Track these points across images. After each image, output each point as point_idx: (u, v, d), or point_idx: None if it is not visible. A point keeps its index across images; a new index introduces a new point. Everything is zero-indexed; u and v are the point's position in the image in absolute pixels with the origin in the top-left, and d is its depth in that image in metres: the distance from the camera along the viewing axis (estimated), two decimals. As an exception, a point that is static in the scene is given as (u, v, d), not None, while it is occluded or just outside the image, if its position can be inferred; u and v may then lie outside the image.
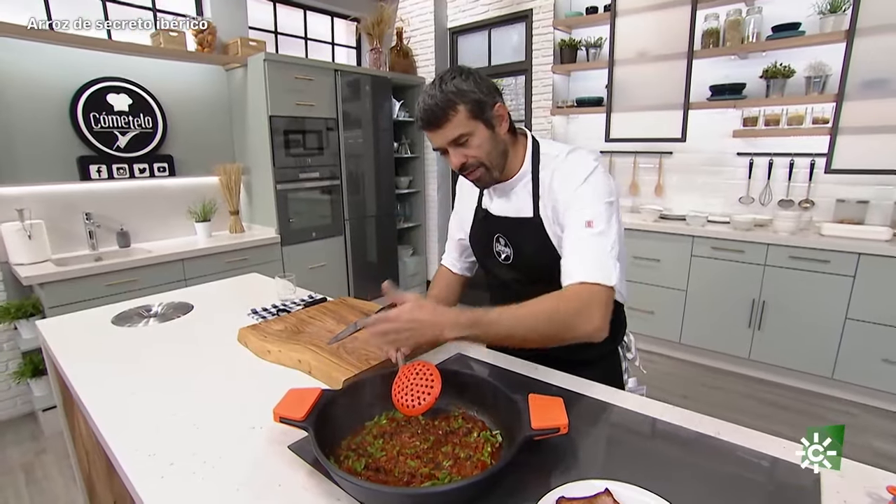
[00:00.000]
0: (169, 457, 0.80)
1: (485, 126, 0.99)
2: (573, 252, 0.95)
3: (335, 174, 3.56)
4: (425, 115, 0.97)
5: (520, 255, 1.11)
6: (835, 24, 2.55)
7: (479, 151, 1.00)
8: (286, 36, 3.89)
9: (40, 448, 2.30)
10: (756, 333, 2.78)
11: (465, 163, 1.01)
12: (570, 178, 1.00)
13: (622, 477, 0.68)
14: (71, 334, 1.37)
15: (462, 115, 0.96)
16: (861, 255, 2.40)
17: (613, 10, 3.14)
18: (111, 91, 2.79)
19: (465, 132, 0.97)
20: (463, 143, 0.98)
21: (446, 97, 0.94)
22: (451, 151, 1.00)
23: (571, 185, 0.99)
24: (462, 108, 0.95)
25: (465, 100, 0.95)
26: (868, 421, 2.42)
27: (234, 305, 1.58)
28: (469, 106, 0.96)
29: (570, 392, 0.99)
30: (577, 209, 0.97)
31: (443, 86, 0.95)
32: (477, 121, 0.97)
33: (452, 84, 0.95)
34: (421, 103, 0.97)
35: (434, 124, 0.97)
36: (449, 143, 0.98)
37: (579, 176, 0.99)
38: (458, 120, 0.96)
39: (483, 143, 0.99)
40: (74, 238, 2.74)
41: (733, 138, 3.04)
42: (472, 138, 0.98)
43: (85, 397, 1.00)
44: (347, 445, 0.79)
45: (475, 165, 1.01)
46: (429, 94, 0.96)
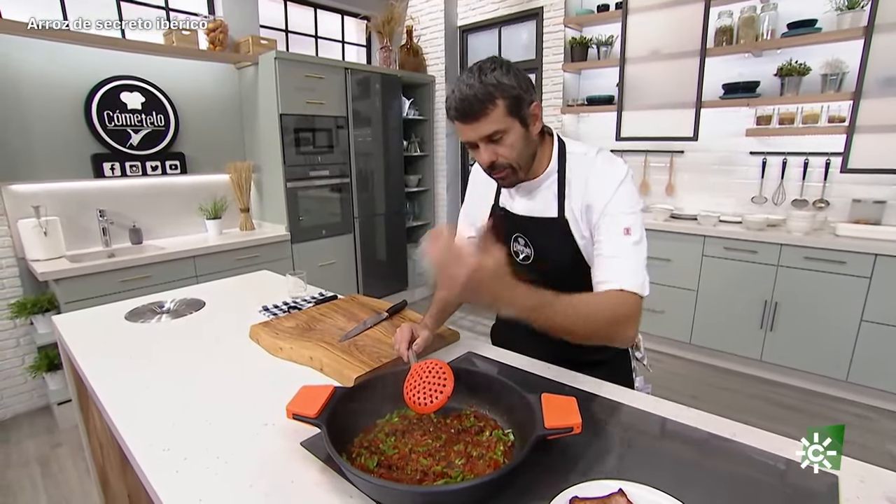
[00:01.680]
0: (183, 451, 0.80)
1: (520, 124, 0.94)
2: (613, 257, 0.93)
3: (345, 172, 3.57)
4: (461, 106, 0.90)
5: (541, 255, 1.08)
6: (852, 21, 2.50)
7: (511, 152, 0.94)
8: (297, 34, 3.91)
9: (55, 441, 2.34)
10: (768, 334, 2.74)
11: (495, 162, 0.95)
12: (605, 181, 0.97)
13: (635, 477, 0.68)
14: (86, 329, 1.39)
15: (500, 111, 0.90)
16: (878, 255, 2.36)
17: (625, 7, 3.11)
18: (125, 89, 2.82)
19: (500, 129, 0.92)
20: (496, 139, 0.93)
21: (486, 89, 0.88)
22: (482, 147, 0.94)
23: (607, 189, 0.96)
24: (501, 102, 0.90)
25: (504, 94, 0.89)
26: (884, 425, 2.38)
27: (245, 302, 1.59)
28: (508, 102, 0.90)
29: (583, 392, 0.98)
30: (613, 215, 0.95)
31: (483, 76, 0.89)
32: (513, 118, 0.92)
33: (493, 76, 0.89)
34: (456, 92, 0.91)
35: (470, 116, 0.91)
36: (482, 138, 0.93)
37: (613, 179, 0.97)
38: (496, 115, 0.90)
39: (516, 142, 0.94)
40: (88, 235, 2.77)
41: (746, 137, 3.00)
42: (506, 136, 0.93)
43: (100, 391, 1.02)
44: (360, 443, 0.79)
45: (504, 166, 0.96)
46: (466, 84, 0.89)
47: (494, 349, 1.20)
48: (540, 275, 1.07)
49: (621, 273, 0.91)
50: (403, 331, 1.05)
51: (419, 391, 0.82)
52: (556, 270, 1.06)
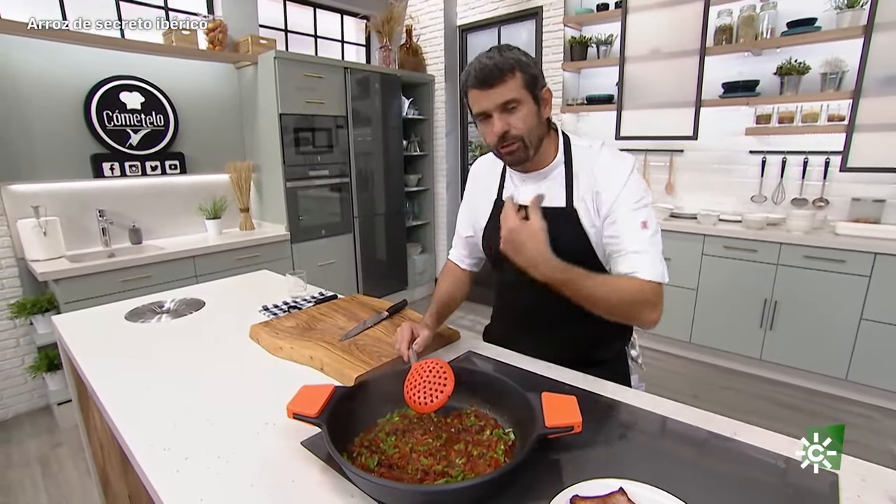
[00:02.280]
0: (183, 451, 0.80)
1: (533, 101, 0.98)
2: (634, 253, 0.97)
3: (345, 172, 3.57)
4: (481, 74, 0.95)
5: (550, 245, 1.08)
6: (852, 19, 2.50)
7: (524, 125, 0.98)
8: (296, 34, 3.91)
9: (56, 441, 2.34)
10: (768, 333, 2.74)
11: (508, 132, 0.98)
12: (613, 171, 1.01)
13: (636, 476, 0.68)
14: (86, 329, 1.39)
15: (518, 82, 0.95)
16: (877, 254, 2.36)
17: (624, 6, 3.11)
18: (124, 89, 2.82)
19: (516, 97, 0.96)
20: (510, 109, 0.97)
21: (507, 60, 0.94)
22: (495, 117, 0.97)
23: (616, 180, 1.00)
24: (519, 75, 0.95)
25: (522, 69, 0.95)
26: (885, 424, 2.38)
27: (245, 302, 1.59)
28: (525, 76, 0.96)
29: (583, 391, 0.98)
30: (628, 209, 0.99)
31: (502, 52, 0.95)
32: (528, 92, 0.97)
33: (512, 53, 0.96)
34: (476, 64, 0.96)
35: (488, 83, 0.95)
36: (498, 105, 0.96)
37: (622, 171, 1.00)
38: (514, 84, 0.95)
39: (528, 116, 0.98)
40: (88, 235, 2.77)
41: (746, 136, 3.00)
42: (520, 107, 0.97)
43: (100, 391, 1.02)
44: (360, 442, 0.79)
45: (515, 139, 0.99)
46: (487, 56, 0.96)
47: (495, 348, 1.20)
48: None
49: (642, 266, 0.96)
50: (403, 330, 1.05)
51: (419, 390, 0.82)
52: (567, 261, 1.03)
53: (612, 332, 1.15)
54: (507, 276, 1.15)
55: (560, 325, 1.13)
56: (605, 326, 1.10)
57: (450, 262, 1.34)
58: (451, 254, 1.35)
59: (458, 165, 4.48)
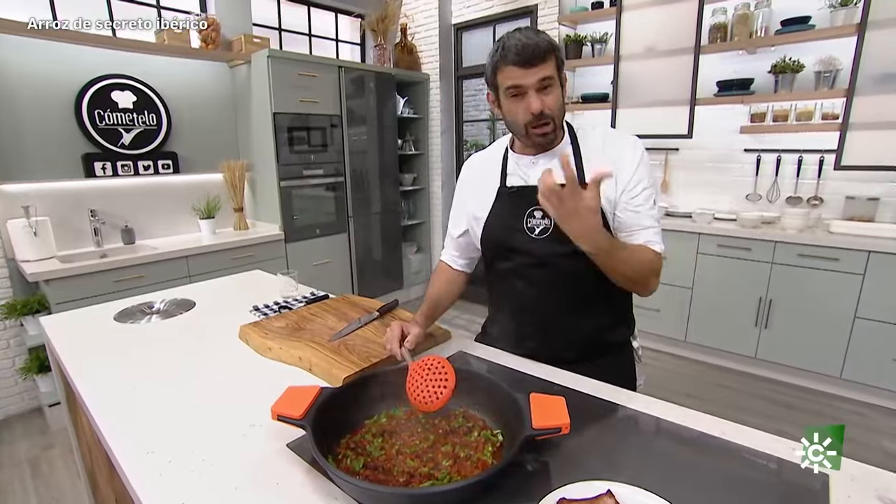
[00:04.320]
0: (168, 454, 0.79)
1: (560, 84, 1.02)
2: (648, 228, 1.05)
3: (339, 171, 3.55)
4: (525, 51, 0.95)
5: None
6: (846, 18, 2.50)
7: (555, 105, 1.01)
8: (290, 32, 3.89)
9: (47, 443, 2.32)
10: (763, 332, 2.75)
11: (543, 111, 1.00)
12: (627, 149, 1.06)
13: (625, 478, 0.67)
14: (73, 331, 1.37)
15: (553, 63, 0.99)
16: (871, 252, 2.36)
17: (619, 4, 3.11)
18: (116, 88, 2.80)
19: (552, 77, 0.99)
20: (545, 89, 0.99)
21: (547, 41, 0.97)
22: (533, 96, 0.99)
23: (632, 157, 1.05)
24: (554, 56, 0.98)
25: (557, 53, 0.99)
26: (878, 421, 2.38)
27: (236, 302, 1.57)
28: (557, 60, 1.00)
29: (572, 391, 0.98)
30: (644, 186, 1.04)
31: (539, 34, 0.98)
32: (558, 75, 1.01)
33: (546, 36, 0.99)
34: (515, 42, 0.96)
35: (530, 62, 0.96)
36: (535, 83, 0.98)
37: (636, 149, 1.06)
38: (551, 65, 0.98)
39: (558, 98, 1.01)
40: (80, 235, 2.75)
41: (741, 134, 3.00)
42: (553, 88, 1.00)
43: (85, 393, 1.00)
44: (346, 444, 0.78)
45: (549, 118, 1.01)
46: (525, 35, 0.97)
47: (486, 348, 1.20)
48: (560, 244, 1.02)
49: (655, 239, 1.05)
50: (393, 329, 1.04)
51: (422, 390, 0.81)
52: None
53: (616, 316, 1.16)
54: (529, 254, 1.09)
55: (565, 315, 1.11)
56: (610, 311, 1.14)
57: (442, 262, 1.33)
58: (442, 254, 1.34)
59: (453, 164, 4.47)
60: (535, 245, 1.08)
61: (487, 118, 4.34)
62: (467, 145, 4.49)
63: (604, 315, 1.13)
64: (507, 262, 1.14)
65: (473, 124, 4.44)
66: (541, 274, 1.09)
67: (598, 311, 1.12)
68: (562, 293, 1.09)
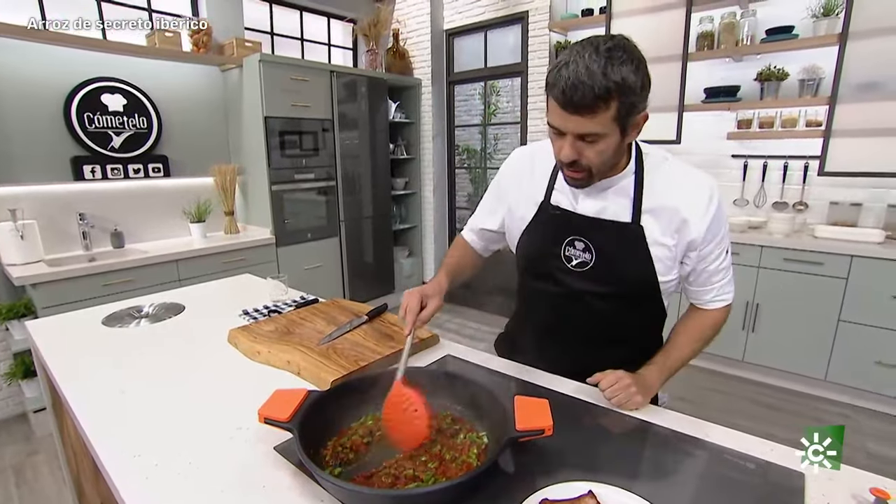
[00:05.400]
0: (154, 457, 0.79)
1: (619, 132, 0.83)
2: (721, 281, 1.02)
3: (331, 175, 3.55)
4: (571, 93, 0.77)
5: (604, 262, 0.96)
6: (828, 28, 2.55)
7: (598, 158, 0.85)
8: (282, 37, 3.89)
9: (32, 449, 2.29)
10: (751, 335, 2.78)
11: (577, 161, 0.86)
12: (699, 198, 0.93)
13: (607, 479, 0.68)
14: (60, 335, 1.36)
15: (609, 114, 0.79)
16: (854, 257, 2.40)
17: (609, 12, 3.15)
18: (105, 91, 2.78)
19: (599, 132, 0.81)
20: (588, 141, 0.83)
21: (607, 85, 0.75)
22: (568, 142, 0.83)
23: (706, 208, 0.93)
24: (614, 105, 0.78)
25: (623, 98, 0.78)
26: (862, 423, 2.42)
27: (225, 306, 1.57)
28: (621, 105, 0.78)
29: (557, 394, 0.99)
30: (717, 241, 0.97)
31: (609, 67, 0.75)
32: (617, 125, 0.81)
33: (620, 72, 0.76)
34: (572, 71, 0.76)
35: (576, 110, 0.78)
36: (575, 134, 0.82)
37: (710, 197, 0.93)
38: (603, 118, 0.79)
39: (607, 149, 0.84)
40: (68, 238, 2.73)
41: (728, 140, 3.05)
42: (600, 141, 0.82)
43: (72, 398, 1.00)
44: (333, 446, 0.79)
45: (584, 168, 0.87)
46: (587, 67, 0.75)
47: (474, 352, 1.20)
48: (601, 285, 0.98)
49: (727, 289, 1.04)
50: (412, 299, 0.96)
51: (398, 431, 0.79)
52: (618, 280, 0.97)
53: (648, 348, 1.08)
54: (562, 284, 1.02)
55: (595, 348, 1.05)
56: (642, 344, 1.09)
57: (462, 238, 1.24)
58: (464, 233, 1.25)
59: (445, 169, 4.49)
60: (571, 278, 1.00)
61: (479, 123, 4.37)
62: (459, 150, 4.51)
63: (635, 348, 1.06)
64: (540, 283, 1.06)
65: (465, 129, 4.47)
66: (573, 306, 1.02)
67: (630, 344, 1.06)
68: (594, 328, 1.04)
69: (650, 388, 0.95)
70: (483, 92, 4.30)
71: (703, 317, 1.06)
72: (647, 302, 1.02)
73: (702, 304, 1.06)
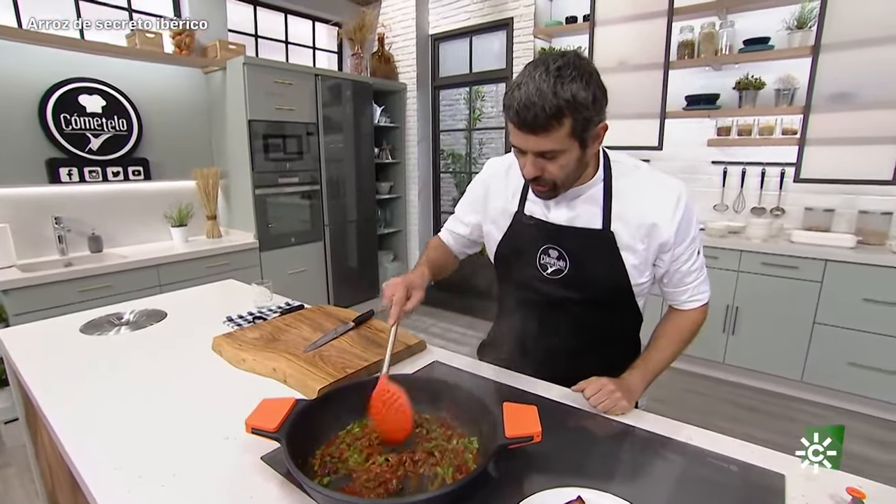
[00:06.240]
0: (137, 469, 0.78)
1: (579, 146, 0.85)
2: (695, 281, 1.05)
3: (315, 179, 3.53)
4: (524, 113, 0.79)
5: (579, 270, 0.99)
6: (802, 40, 2.64)
7: (560, 172, 0.87)
8: (267, 39, 3.86)
9: (3, 462, 2.21)
10: (730, 338, 2.84)
11: (540, 177, 0.89)
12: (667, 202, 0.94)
13: (595, 484, 0.69)
14: (35, 344, 1.32)
15: (564, 131, 0.81)
16: (828, 261, 2.48)
17: (592, 20, 3.20)
18: (83, 92, 2.72)
19: (557, 149, 0.83)
20: (549, 157, 0.85)
21: (558, 104, 0.78)
22: (530, 159, 0.87)
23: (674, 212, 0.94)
24: (568, 122, 0.80)
25: (575, 114, 0.80)
26: (838, 423, 2.48)
27: (209, 313, 1.55)
28: (575, 121, 0.81)
29: (543, 399, 1.00)
30: (688, 243, 0.99)
31: (558, 86, 0.77)
32: (574, 140, 0.83)
33: (570, 89, 0.78)
34: (523, 92, 0.79)
35: (531, 130, 0.81)
36: (534, 152, 0.85)
37: (678, 201, 0.95)
38: (558, 135, 0.81)
39: (568, 163, 0.86)
40: (43, 243, 2.65)
41: (708, 147, 3.12)
42: (560, 156, 0.85)
43: (48, 409, 0.97)
44: (321, 455, 0.78)
45: (547, 182, 0.90)
46: (537, 88, 0.78)
47: (461, 358, 1.21)
48: (577, 292, 1.00)
49: (702, 289, 1.06)
50: (398, 289, 0.94)
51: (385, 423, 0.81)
52: (599, 288, 1.00)
53: (627, 351, 1.13)
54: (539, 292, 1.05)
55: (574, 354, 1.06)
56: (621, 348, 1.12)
57: (438, 238, 1.26)
58: (441, 234, 1.26)
59: (430, 173, 4.50)
60: (548, 285, 1.03)
61: (464, 128, 4.39)
62: (444, 154, 4.52)
63: (614, 353, 1.09)
64: (518, 291, 1.09)
65: (450, 134, 4.48)
66: (551, 314, 1.05)
67: (609, 348, 1.09)
68: (572, 334, 1.06)
69: (634, 392, 0.97)
70: (468, 97, 4.32)
71: (681, 318, 1.08)
72: (622, 305, 1.06)
73: (678, 305, 1.09)
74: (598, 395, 0.92)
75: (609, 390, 0.92)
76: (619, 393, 0.92)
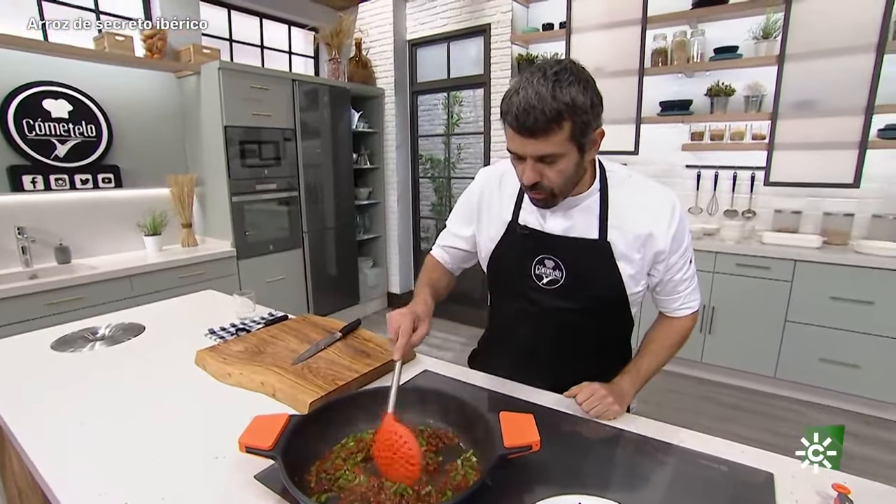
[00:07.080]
0: (122, 495, 0.74)
1: (577, 151, 0.85)
2: (687, 289, 1.06)
3: (293, 185, 3.48)
4: (523, 117, 0.80)
5: (576, 280, 0.99)
6: (767, 49, 2.74)
7: (559, 178, 0.87)
8: (242, 44, 3.79)
9: (-35, 486, 2.09)
10: (707, 337, 2.92)
11: (538, 183, 0.88)
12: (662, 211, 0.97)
13: (595, 490, 0.69)
14: (1, 362, 1.26)
15: (563, 134, 0.81)
16: (797, 261, 2.57)
17: (568, 27, 3.26)
18: (48, 96, 2.61)
19: (556, 153, 0.83)
20: (548, 162, 0.85)
21: (557, 107, 0.78)
22: (529, 164, 0.86)
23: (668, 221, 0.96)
24: (567, 126, 0.80)
25: (574, 117, 0.80)
26: (811, 417, 2.58)
27: (189, 325, 1.50)
28: (574, 125, 0.81)
29: (538, 406, 1.00)
30: (681, 252, 1.00)
31: (557, 90, 0.78)
32: (573, 143, 0.84)
33: (569, 92, 0.79)
34: (522, 97, 0.79)
35: (531, 134, 0.81)
36: (534, 156, 0.85)
37: (671, 210, 0.97)
38: (558, 139, 0.81)
39: (567, 168, 0.86)
40: (4, 254, 2.53)
41: (682, 151, 3.21)
42: (559, 161, 0.85)
43: (19, 432, 0.92)
44: (316, 471, 0.76)
45: (545, 189, 0.89)
46: (536, 91, 0.78)
47: (452, 366, 1.20)
48: (573, 302, 1.00)
49: (691, 298, 1.07)
50: (405, 321, 0.90)
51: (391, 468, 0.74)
52: (589, 296, 1.00)
53: (619, 358, 1.15)
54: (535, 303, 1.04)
55: (567, 362, 1.08)
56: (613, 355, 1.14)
57: (433, 257, 1.23)
58: (434, 252, 1.23)
59: (409, 178, 4.49)
60: (542, 295, 1.02)
61: (443, 133, 4.40)
62: (422, 159, 4.52)
63: (607, 359, 1.11)
64: (512, 302, 1.09)
65: (428, 139, 4.49)
66: (546, 324, 1.05)
67: (602, 356, 1.10)
68: (567, 343, 1.06)
69: (625, 397, 0.98)
70: (446, 102, 4.33)
71: (671, 324, 1.11)
72: (617, 314, 1.07)
73: (669, 313, 1.11)
74: (590, 400, 0.93)
75: (601, 395, 0.94)
76: (610, 398, 0.93)
